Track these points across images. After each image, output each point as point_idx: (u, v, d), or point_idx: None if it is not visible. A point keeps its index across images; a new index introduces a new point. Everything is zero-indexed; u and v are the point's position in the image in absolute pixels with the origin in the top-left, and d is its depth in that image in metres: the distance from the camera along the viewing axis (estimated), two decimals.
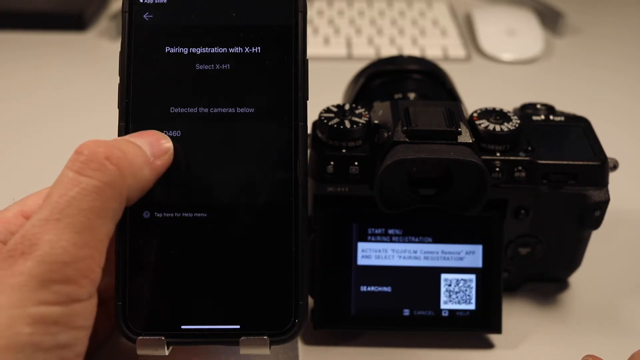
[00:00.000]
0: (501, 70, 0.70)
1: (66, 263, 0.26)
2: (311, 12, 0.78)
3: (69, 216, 0.26)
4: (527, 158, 0.37)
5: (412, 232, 0.38)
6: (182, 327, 0.30)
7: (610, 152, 0.38)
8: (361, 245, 0.38)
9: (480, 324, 0.38)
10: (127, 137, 0.30)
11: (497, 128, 0.37)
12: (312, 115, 0.35)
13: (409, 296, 0.38)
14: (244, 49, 0.31)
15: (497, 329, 0.38)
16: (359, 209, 0.38)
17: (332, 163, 0.37)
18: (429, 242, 0.38)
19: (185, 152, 0.31)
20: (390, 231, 0.38)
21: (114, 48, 0.50)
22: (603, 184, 0.37)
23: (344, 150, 0.37)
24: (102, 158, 0.27)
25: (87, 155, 0.27)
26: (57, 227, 0.26)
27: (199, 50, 0.31)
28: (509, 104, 0.42)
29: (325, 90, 0.47)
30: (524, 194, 0.38)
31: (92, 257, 0.26)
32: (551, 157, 0.37)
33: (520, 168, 0.37)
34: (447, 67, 0.49)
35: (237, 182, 0.31)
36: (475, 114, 0.38)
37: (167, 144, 0.30)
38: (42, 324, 0.25)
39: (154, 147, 0.30)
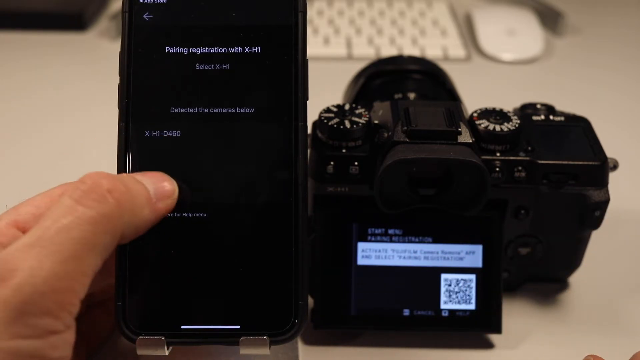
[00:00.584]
0: (501, 70, 0.70)
1: (44, 294, 0.24)
2: (311, 12, 0.78)
3: (55, 244, 0.25)
4: (527, 158, 0.37)
5: (412, 232, 0.38)
6: (182, 327, 0.30)
7: (610, 152, 0.38)
8: (361, 245, 0.38)
9: (480, 324, 0.38)
10: (133, 174, 0.29)
11: (497, 128, 0.37)
12: (312, 115, 0.35)
13: (409, 296, 0.38)
14: (244, 49, 0.31)
15: (497, 329, 0.38)
16: (359, 209, 0.38)
17: (332, 163, 0.37)
18: (429, 242, 0.38)
19: (185, 152, 0.31)
20: (390, 231, 0.38)
21: (114, 48, 0.50)
22: (603, 184, 0.37)
23: (344, 150, 0.37)
24: (104, 190, 0.27)
25: (90, 185, 0.27)
26: (41, 254, 0.25)
27: (198, 50, 0.31)
28: (509, 104, 0.42)
29: (325, 90, 0.47)
30: (524, 194, 0.38)
31: (72, 289, 0.25)
32: (551, 157, 0.37)
33: (520, 168, 0.37)
34: (447, 67, 0.49)
35: (237, 182, 0.31)
36: (475, 114, 0.38)
37: (171, 186, 0.30)
38: (17, 358, 0.24)
39: (158, 188, 0.29)
